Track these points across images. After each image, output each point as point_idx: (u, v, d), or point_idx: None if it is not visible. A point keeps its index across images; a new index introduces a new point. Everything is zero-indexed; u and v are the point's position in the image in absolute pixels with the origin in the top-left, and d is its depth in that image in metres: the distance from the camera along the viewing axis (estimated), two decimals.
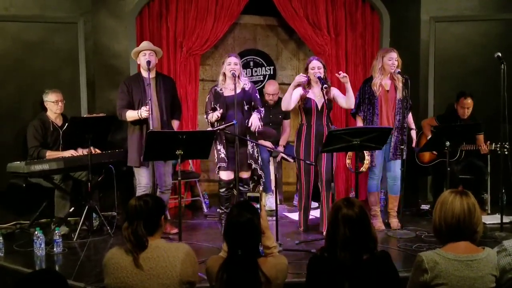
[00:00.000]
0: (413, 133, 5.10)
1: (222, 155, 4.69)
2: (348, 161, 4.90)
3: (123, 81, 4.88)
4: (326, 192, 4.74)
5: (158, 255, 2.46)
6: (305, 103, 4.75)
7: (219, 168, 4.74)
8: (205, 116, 4.82)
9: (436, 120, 5.65)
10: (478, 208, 2.40)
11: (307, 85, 4.78)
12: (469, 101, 5.46)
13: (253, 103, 4.79)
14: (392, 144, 4.86)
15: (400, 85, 4.80)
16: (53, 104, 5.04)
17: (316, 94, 4.75)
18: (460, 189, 2.48)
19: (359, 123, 4.95)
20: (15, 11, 5.43)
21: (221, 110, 4.67)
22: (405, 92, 4.77)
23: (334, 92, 4.83)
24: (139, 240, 2.45)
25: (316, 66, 4.71)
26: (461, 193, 2.41)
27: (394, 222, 4.94)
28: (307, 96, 4.75)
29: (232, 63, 4.67)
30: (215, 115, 4.68)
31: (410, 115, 5.04)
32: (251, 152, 4.76)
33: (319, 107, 4.73)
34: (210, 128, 4.71)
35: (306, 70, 4.79)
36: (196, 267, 2.56)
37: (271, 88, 6.01)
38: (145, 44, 4.87)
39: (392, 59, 4.80)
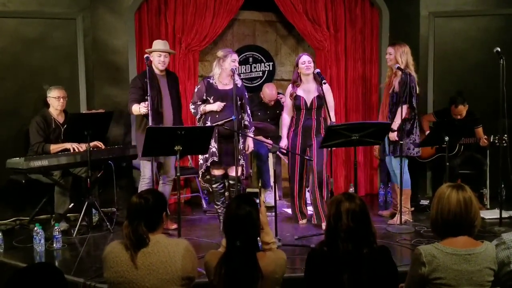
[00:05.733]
0: (393, 125, 4.76)
1: (214, 149, 4.64)
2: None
3: (136, 76, 4.99)
4: (318, 185, 4.76)
5: (158, 250, 2.45)
6: (294, 100, 4.83)
7: (211, 163, 4.66)
8: (191, 106, 4.76)
9: (434, 116, 5.64)
10: (475, 202, 2.40)
11: (296, 82, 4.84)
12: (460, 108, 5.38)
13: (243, 100, 4.79)
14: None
15: (397, 80, 4.81)
16: (55, 100, 5.04)
17: (305, 91, 4.81)
18: (457, 183, 2.48)
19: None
20: (14, 7, 5.40)
21: (223, 104, 4.61)
22: (402, 86, 4.76)
23: (326, 87, 4.83)
24: (140, 238, 2.45)
25: (306, 61, 4.77)
26: (457, 187, 2.41)
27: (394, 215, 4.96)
28: (297, 93, 4.83)
29: (236, 61, 4.71)
30: (215, 106, 4.61)
31: (402, 109, 4.69)
32: (241, 148, 4.76)
33: (308, 104, 4.79)
34: (199, 120, 4.74)
35: (296, 66, 4.85)
36: (196, 262, 2.56)
37: (270, 92, 5.87)
38: (161, 45, 4.83)
39: (387, 54, 4.88)
